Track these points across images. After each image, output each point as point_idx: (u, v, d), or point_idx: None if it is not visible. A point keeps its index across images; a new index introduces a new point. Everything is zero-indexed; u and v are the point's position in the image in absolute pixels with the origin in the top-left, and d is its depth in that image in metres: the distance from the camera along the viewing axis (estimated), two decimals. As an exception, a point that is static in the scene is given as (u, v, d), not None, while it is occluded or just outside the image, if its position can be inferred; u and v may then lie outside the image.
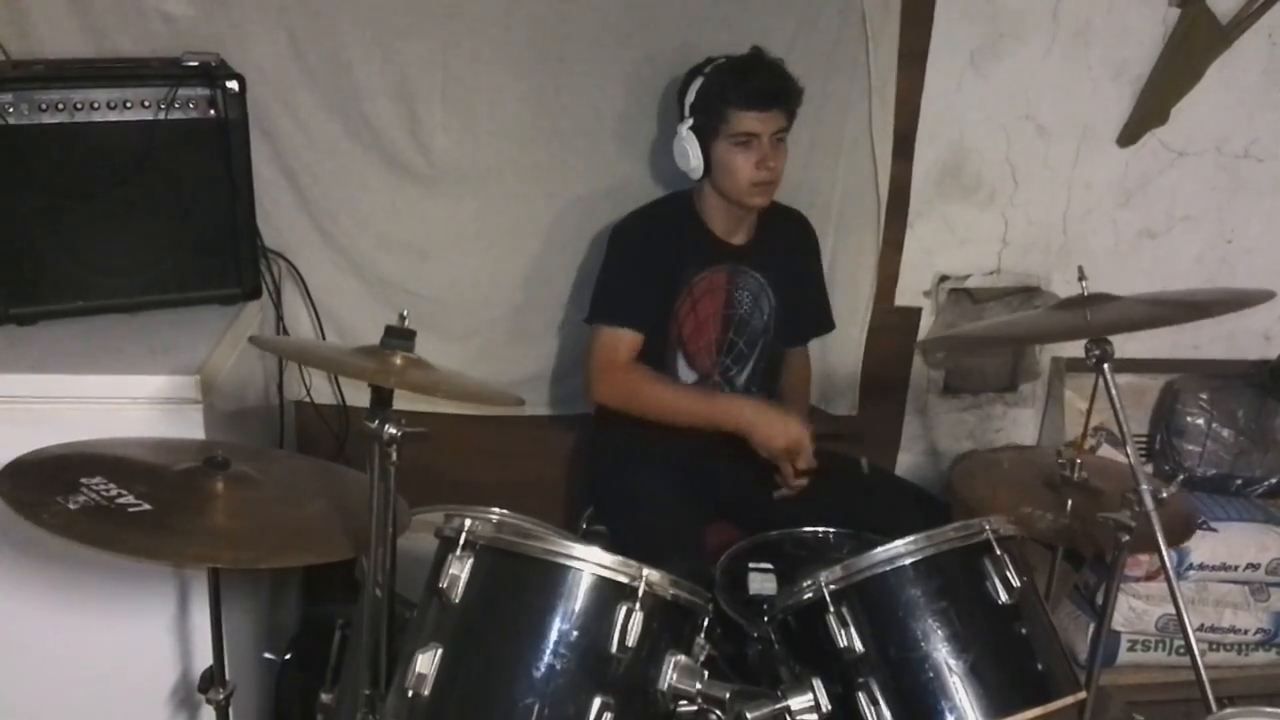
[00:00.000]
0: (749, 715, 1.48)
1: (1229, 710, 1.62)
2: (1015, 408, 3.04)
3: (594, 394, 2.39)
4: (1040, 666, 1.54)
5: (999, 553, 1.54)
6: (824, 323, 2.67)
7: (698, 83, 2.30)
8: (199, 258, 2.19)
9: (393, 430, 1.47)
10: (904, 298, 2.86)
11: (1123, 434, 1.81)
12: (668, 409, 2.32)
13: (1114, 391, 1.81)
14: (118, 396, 1.88)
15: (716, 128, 2.27)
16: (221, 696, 1.76)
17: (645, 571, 1.45)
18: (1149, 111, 2.76)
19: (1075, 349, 1.89)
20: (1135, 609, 2.62)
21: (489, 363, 2.66)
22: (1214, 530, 2.65)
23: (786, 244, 2.51)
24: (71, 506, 1.50)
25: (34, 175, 2.01)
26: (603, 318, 2.37)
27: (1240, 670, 2.72)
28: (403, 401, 1.53)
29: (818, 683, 1.51)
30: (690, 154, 2.31)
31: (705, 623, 1.56)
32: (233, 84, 2.11)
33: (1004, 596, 1.52)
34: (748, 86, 2.24)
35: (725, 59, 2.30)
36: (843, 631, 1.51)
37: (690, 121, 2.31)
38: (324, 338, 2.56)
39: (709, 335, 2.43)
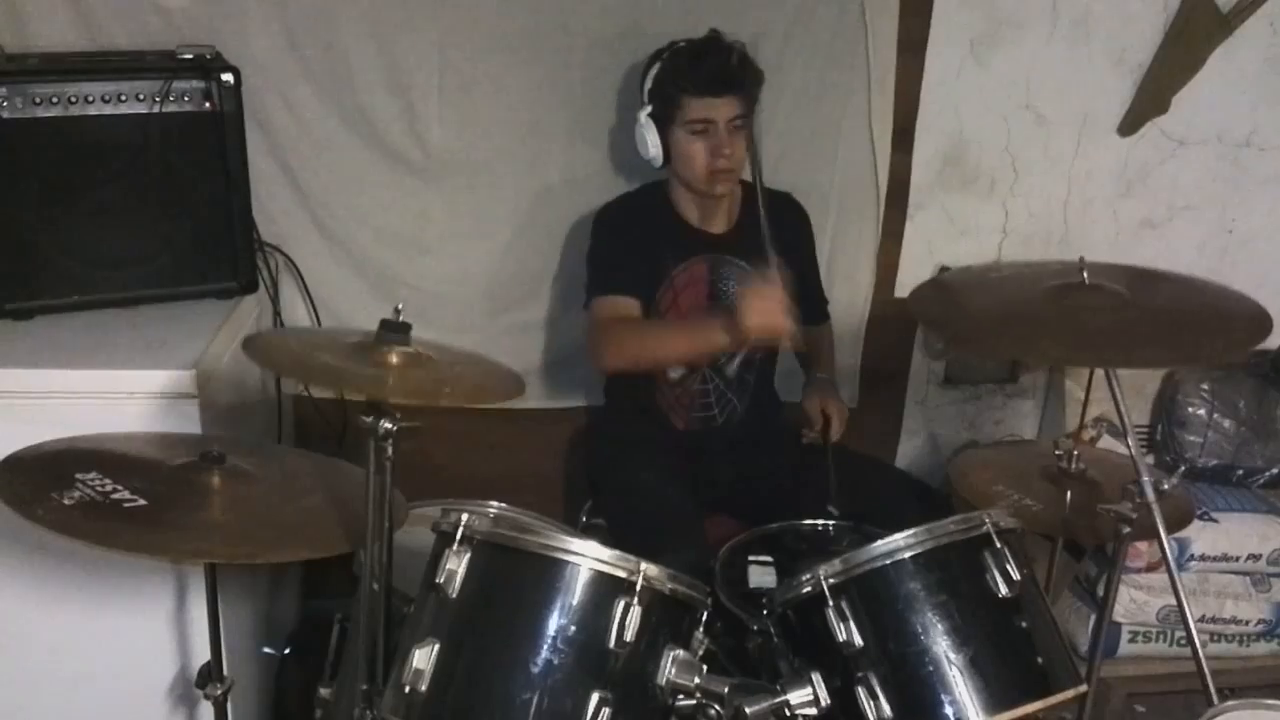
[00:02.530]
0: (748, 709, 1.47)
1: (1230, 702, 1.62)
2: (1015, 399, 3.03)
3: (600, 363, 2.34)
4: (1040, 660, 1.53)
5: (999, 545, 1.53)
6: (816, 315, 2.57)
7: (655, 69, 2.26)
8: (195, 251, 2.18)
9: (388, 425, 1.46)
10: (904, 289, 2.84)
11: (1124, 425, 1.81)
12: (661, 347, 2.26)
13: (1114, 383, 1.81)
14: (113, 391, 1.88)
15: (672, 115, 2.23)
16: (220, 692, 1.76)
17: (643, 566, 1.44)
18: (1150, 100, 2.74)
19: (1076, 340, 1.87)
20: (1136, 600, 2.61)
21: (486, 354, 2.65)
22: (1215, 521, 2.64)
23: (775, 227, 2.40)
24: (67, 502, 1.49)
25: (29, 169, 2.01)
26: (599, 290, 2.32)
27: (1242, 661, 2.71)
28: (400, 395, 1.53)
29: (817, 676, 1.50)
30: (649, 142, 2.28)
31: (704, 617, 1.56)
32: (228, 76, 2.11)
33: (1004, 589, 1.51)
34: (700, 72, 2.19)
35: (684, 43, 2.26)
36: (842, 625, 1.50)
37: (649, 109, 2.27)
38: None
39: None
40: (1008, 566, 1.52)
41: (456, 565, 1.44)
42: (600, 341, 2.29)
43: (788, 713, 1.49)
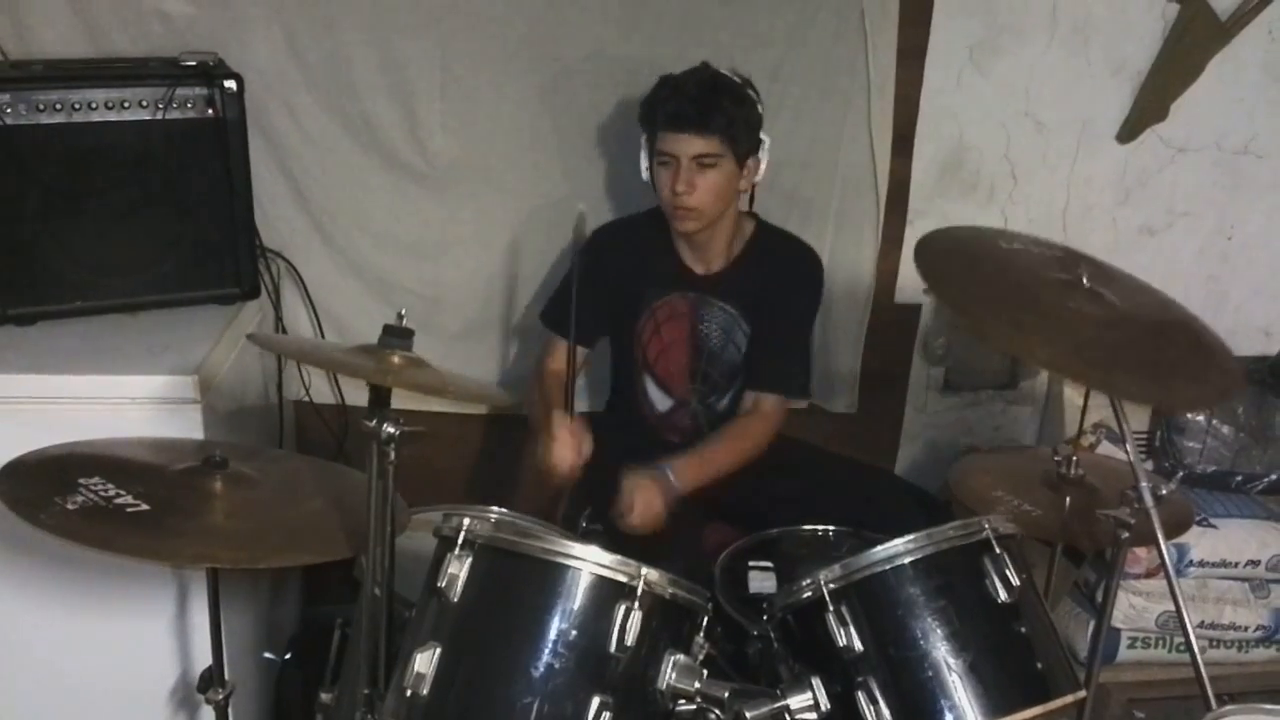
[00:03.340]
0: (748, 714, 1.48)
1: (1229, 707, 1.62)
2: (1015, 405, 3.03)
3: None
4: (1040, 665, 1.54)
5: (998, 551, 1.54)
6: (792, 380, 2.40)
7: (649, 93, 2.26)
8: (197, 257, 2.19)
9: (391, 429, 1.47)
10: (904, 295, 2.85)
11: (1122, 431, 1.81)
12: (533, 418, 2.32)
13: (1113, 389, 1.81)
14: (116, 396, 1.89)
15: (650, 145, 2.24)
16: (221, 696, 1.76)
17: (644, 570, 1.45)
18: (1148, 108, 2.75)
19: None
20: (1135, 606, 2.61)
21: (488, 361, 2.66)
22: (1214, 527, 2.65)
23: (772, 275, 2.36)
24: (69, 507, 1.49)
25: (32, 176, 2.01)
26: (548, 323, 2.42)
27: (1240, 667, 2.71)
28: (401, 400, 1.53)
29: (817, 682, 1.51)
30: (642, 165, 2.28)
31: (704, 621, 1.56)
32: (231, 83, 2.11)
33: (1003, 595, 1.51)
34: (666, 106, 2.18)
35: (669, 75, 2.23)
36: (842, 630, 1.51)
37: (644, 133, 2.27)
38: (323, 337, 2.56)
39: (678, 360, 2.39)
40: (1007, 572, 1.52)
41: (458, 569, 1.45)
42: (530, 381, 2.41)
43: (788, 718, 1.50)
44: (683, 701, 1.49)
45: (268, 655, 2.33)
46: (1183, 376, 1.79)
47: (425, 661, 1.42)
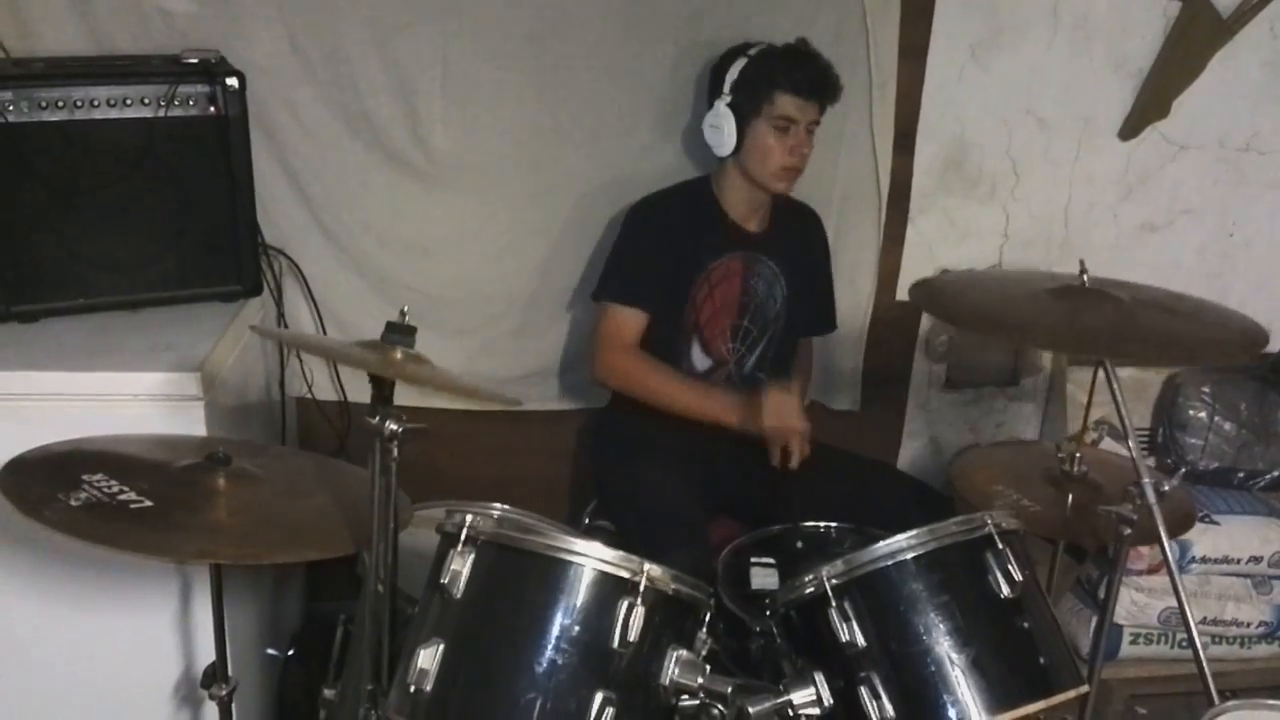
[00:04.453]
0: (751, 709, 1.48)
1: (1231, 703, 1.63)
2: (1017, 402, 3.04)
3: (595, 371, 2.41)
4: (1042, 660, 1.54)
5: (1001, 546, 1.54)
6: (825, 322, 2.69)
7: (741, 63, 2.31)
8: (200, 255, 2.18)
9: (394, 426, 1.47)
10: (905, 292, 2.86)
11: (1124, 427, 1.81)
12: (665, 399, 2.35)
13: (1115, 385, 1.81)
14: (119, 393, 1.89)
15: (758, 108, 2.29)
16: (224, 692, 1.76)
17: (647, 566, 1.45)
18: (1150, 105, 2.75)
19: (1077, 343, 1.89)
20: (1137, 602, 2.62)
21: (491, 358, 2.66)
22: (1216, 523, 2.65)
23: (798, 236, 2.53)
24: (73, 503, 1.50)
25: (34, 173, 2.01)
26: (612, 296, 2.38)
27: (1243, 663, 2.72)
28: (404, 397, 1.53)
29: (820, 677, 1.51)
30: (725, 130, 2.32)
31: (707, 617, 1.56)
32: (232, 81, 2.11)
33: (1006, 590, 1.52)
34: (798, 73, 2.28)
35: (769, 45, 2.33)
36: (845, 626, 1.51)
37: (729, 99, 2.31)
38: (325, 334, 2.56)
39: (724, 321, 2.44)
40: (1010, 567, 1.52)
41: (461, 566, 1.45)
42: (608, 359, 2.38)
43: (791, 713, 1.50)
44: (686, 697, 1.49)
45: (271, 651, 2.33)
46: (1205, 338, 1.89)
47: (429, 658, 1.42)
